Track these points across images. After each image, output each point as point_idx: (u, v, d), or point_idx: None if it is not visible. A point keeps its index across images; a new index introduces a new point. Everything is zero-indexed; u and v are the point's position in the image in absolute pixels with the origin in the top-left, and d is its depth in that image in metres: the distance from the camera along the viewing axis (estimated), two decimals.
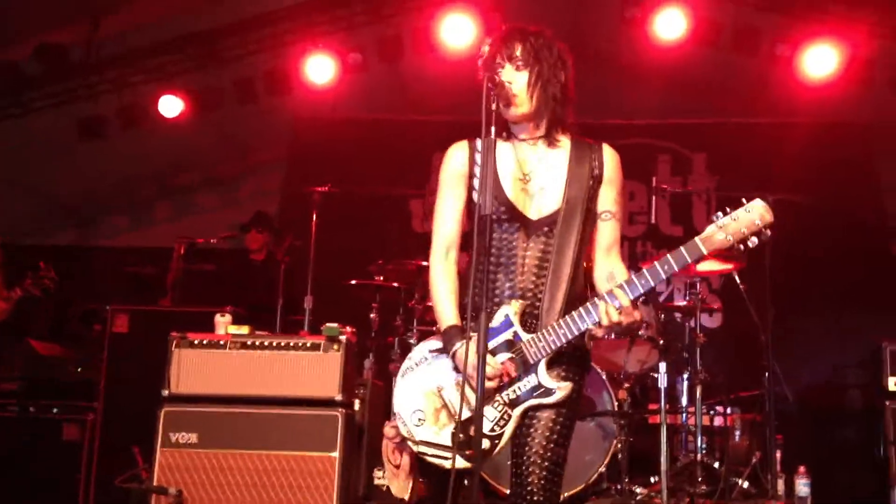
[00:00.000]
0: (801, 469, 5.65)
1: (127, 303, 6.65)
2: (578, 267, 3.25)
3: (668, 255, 3.06)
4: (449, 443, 3.18)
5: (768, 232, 2.99)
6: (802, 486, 5.58)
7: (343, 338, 5.29)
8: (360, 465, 5.74)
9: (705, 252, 3.03)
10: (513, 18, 3.48)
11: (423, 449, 3.25)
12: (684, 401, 6.48)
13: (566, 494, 5.56)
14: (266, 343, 5.32)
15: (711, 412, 6.60)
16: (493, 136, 3.06)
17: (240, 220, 8.01)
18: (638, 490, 5.97)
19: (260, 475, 5.06)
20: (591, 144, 3.34)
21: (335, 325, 5.38)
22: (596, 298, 3.11)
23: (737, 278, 6.47)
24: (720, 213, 3.02)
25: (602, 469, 5.89)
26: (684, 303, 6.69)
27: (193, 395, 5.25)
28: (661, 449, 5.84)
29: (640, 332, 6.12)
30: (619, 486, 5.92)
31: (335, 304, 6.46)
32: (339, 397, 5.18)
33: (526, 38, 3.28)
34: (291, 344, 5.32)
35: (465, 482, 3.40)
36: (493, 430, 3.16)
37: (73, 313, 8.16)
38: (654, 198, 7.49)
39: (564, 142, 3.33)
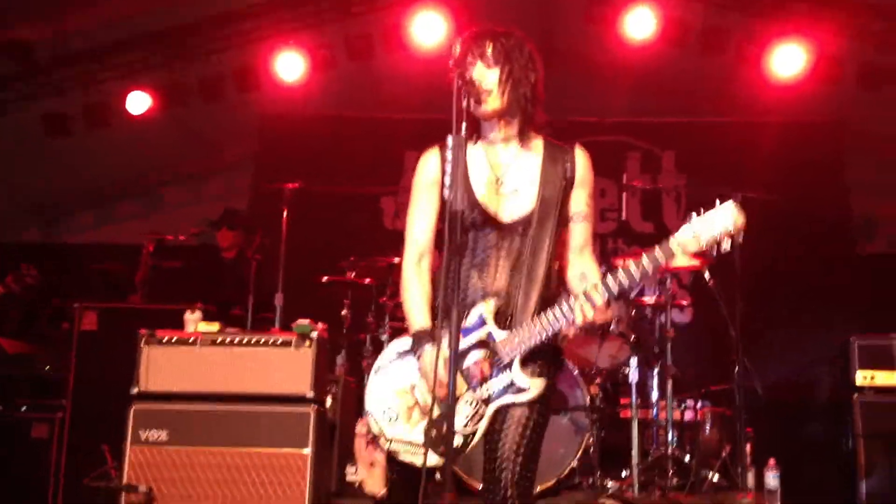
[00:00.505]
0: (771, 462, 5.69)
1: (95, 300, 6.58)
2: (552, 267, 3.26)
3: (643, 257, 3.07)
4: (421, 440, 3.18)
5: (741, 236, 3.01)
6: (772, 479, 5.63)
7: (314, 334, 5.26)
8: (332, 461, 5.72)
9: (679, 254, 3.05)
10: (483, 17, 3.50)
11: (395, 447, 3.25)
12: (655, 395, 6.51)
13: (538, 489, 5.57)
14: (236, 340, 5.29)
15: (682, 406, 6.64)
16: (463, 133, 3.07)
17: (208, 218, 7.92)
18: (609, 484, 5.99)
19: (231, 472, 5.04)
20: (564, 146, 3.35)
21: (306, 321, 5.35)
22: (570, 298, 3.12)
23: (706, 274, 6.51)
24: (694, 215, 3.04)
25: (574, 463, 5.90)
26: (654, 298, 6.72)
27: (163, 393, 5.22)
28: (632, 443, 5.88)
29: (611, 328, 6.15)
30: (591, 481, 5.94)
31: (306, 302, 6.42)
32: (310, 394, 5.16)
33: (497, 37, 3.29)
34: (262, 341, 5.29)
35: (437, 477, 3.41)
36: (465, 426, 3.17)
37: (42, 311, 8.07)
38: (624, 195, 7.52)
39: (537, 143, 3.34)
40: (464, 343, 3.15)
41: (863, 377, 5.94)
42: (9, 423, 6.42)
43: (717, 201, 3.01)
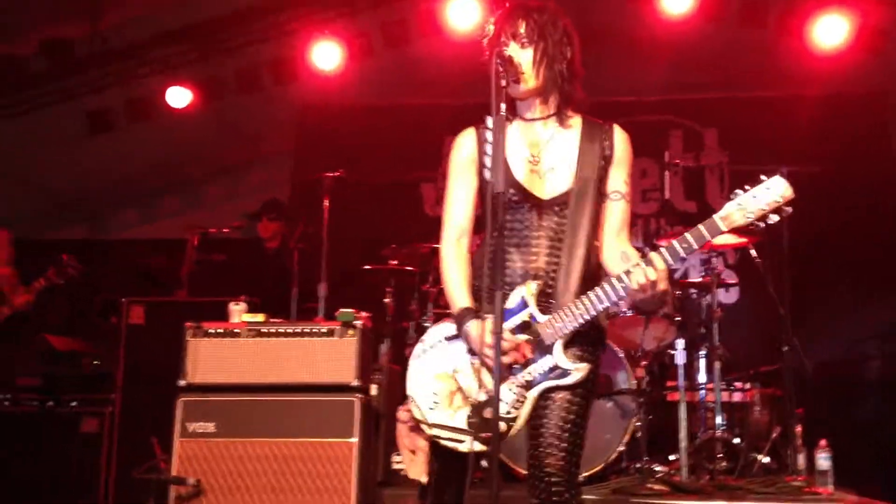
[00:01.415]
0: (822, 443, 5.59)
1: (140, 295, 6.65)
2: (591, 247, 3.23)
3: (687, 234, 3.02)
4: (464, 426, 3.16)
5: (789, 209, 2.95)
6: (823, 460, 5.53)
7: (358, 323, 5.26)
8: (379, 450, 5.73)
9: (724, 230, 3.00)
10: None
11: (437, 432, 3.23)
12: (702, 377, 6.43)
13: (585, 474, 5.54)
14: (281, 330, 5.29)
15: (730, 388, 6.55)
16: (503, 114, 3.03)
17: (250, 210, 7.97)
18: (658, 468, 5.94)
19: (278, 462, 5.04)
20: (602, 125, 3.32)
21: (350, 310, 5.36)
22: (614, 278, 3.07)
23: (753, 252, 6.42)
24: (739, 191, 2.98)
25: (621, 448, 5.86)
26: (700, 279, 6.64)
27: (210, 385, 5.22)
28: (680, 426, 5.81)
29: (661, 311, 6.08)
30: (638, 465, 5.90)
31: (349, 291, 6.44)
32: (355, 383, 5.15)
33: (529, 14, 3.25)
34: (307, 330, 5.28)
35: (483, 464, 3.38)
36: (508, 412, 3.14)
37: (90, 306, 8.17)
38: (666, 173, 7.42)
39: (575, 121, 3.31)
40: (505, 326, 3.12)
41: None
42: (59, 419, 6.56)
43: (764, 177, 2.95)
